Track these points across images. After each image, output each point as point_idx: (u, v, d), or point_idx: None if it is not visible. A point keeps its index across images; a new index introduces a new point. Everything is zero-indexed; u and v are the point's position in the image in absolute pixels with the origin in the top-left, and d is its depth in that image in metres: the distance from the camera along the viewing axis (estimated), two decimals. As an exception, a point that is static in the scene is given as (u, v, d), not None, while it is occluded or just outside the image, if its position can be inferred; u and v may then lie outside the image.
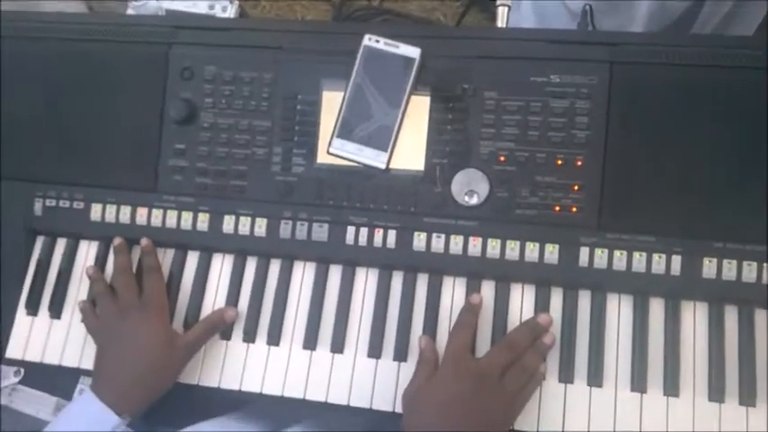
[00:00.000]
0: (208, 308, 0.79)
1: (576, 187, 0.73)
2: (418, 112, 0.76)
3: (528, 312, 0.74)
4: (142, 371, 0.72)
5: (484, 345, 0.74)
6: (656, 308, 0.73)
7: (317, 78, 0.78)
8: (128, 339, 0.74)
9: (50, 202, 0.83)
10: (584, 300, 0.74)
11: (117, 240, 0.80)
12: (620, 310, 0.73)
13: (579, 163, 0.73)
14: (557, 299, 0.74)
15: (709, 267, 0.71)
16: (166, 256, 0.81)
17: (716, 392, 0.70)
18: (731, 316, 0.72)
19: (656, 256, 0.72)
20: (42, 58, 0.84)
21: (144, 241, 0.79)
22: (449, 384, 0.68)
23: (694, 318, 0.72)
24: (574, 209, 0.73)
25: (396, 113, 0.76)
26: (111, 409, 0.69)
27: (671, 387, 0.70)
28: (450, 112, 0.76)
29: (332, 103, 0.77)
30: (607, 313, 0.73)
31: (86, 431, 0.69)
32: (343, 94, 0.76)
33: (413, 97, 0.76)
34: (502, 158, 0.75)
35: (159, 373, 0.74)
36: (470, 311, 0.73)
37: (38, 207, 0.83)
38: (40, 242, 0.84)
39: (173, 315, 0.79)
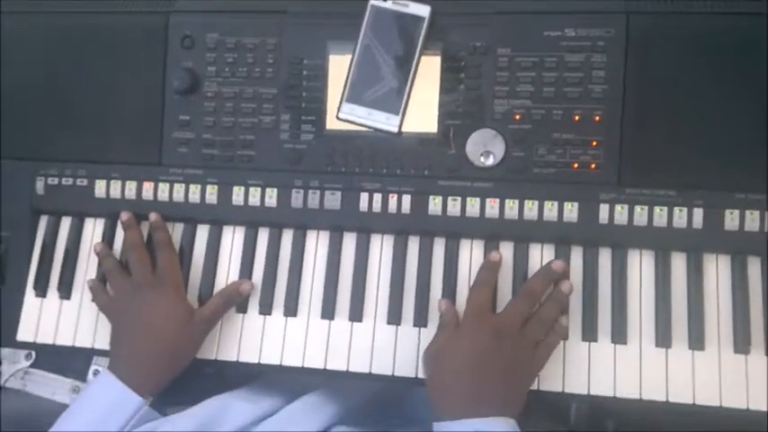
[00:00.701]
0: (221, 282, 0.78)
1: (594, 143, 0.72)
2: (429, 72, 0.74)
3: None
4: (162, 349, 0.71)
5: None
6: (678, 262, 0.72)
7: (323, 42, 0.76)
8: (145, 317, 0.72)
9: (53, 181, 0.80)
10: (605, 257, 0.73)
11: (125, 215, 0.78)
12: (641, 266, 0.72)
13: (597, 118, 0.72)
14: (577, 257, 0.73)
15: (731, 219, 0.70)
16: (176, 231, 0.80)
17: (742, 344, 0.69)
18: (754, 267, 0.71)
19: (677, 210, 0.71)
20: (38, 32, 0.81)
21: (153, 216, 0.77)
22: (470, 340, 0.67)
23: (717, 270, 0.72)
24: (592, 165, 0.72)
25: (406, 75, 0.74)
26: (132, 390, 0.68)
27: (696, 341, 0.70)
28: (462, 72, 0.74)
29: (339, 66, 0.75)
30: (629, 270, 0.72)
31: (109, 414, 0.67)
32: (350, 57, 0.74)
33: (423, 57, 0.74)
34: (517, 117, 0.73)
35: (179, 349, 0.72)
36: (489, 269, 0.72)
37: (40, 186, 0.81)
38: (43, 222, 0.82)
39: (186, 290, 0.77)
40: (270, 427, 0.68)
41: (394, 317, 0.74)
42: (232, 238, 0.79)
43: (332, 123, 0.76)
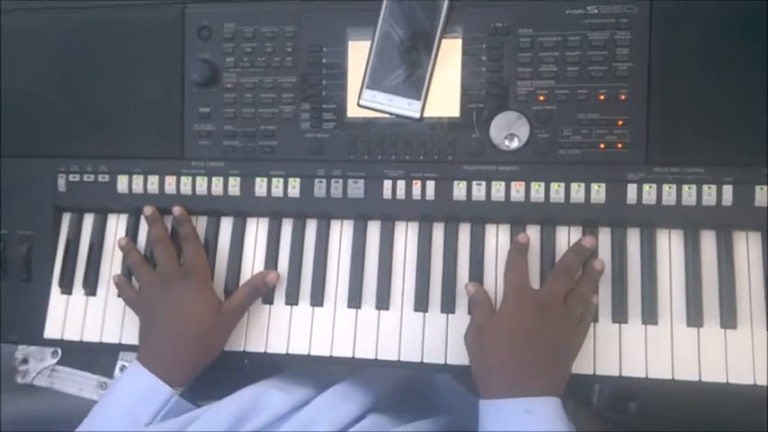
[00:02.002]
0: (246, 273, 0.78)
1: (620, 122, 0.71)
2: (450, 55, 0.73)
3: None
4: (191, 340, 0.71)
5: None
6: (708, 240, 0.71)
7: (341, 28, 0.75)
8: (173, 309, 0.72)
9: (74, 177, 0.80)
10: (634, 238, 0.72)
11: (149, 209, 0.77)
12: (670, 246, 0.72)
13: (623, 97, 0.71)
14: (605, 239, 0.73)
15: (761, 195, 0.69)
16: (199, 224, 0.79)
17: (775, 321, 0.68)
18: (786, 243, 0.70)
19: (705, 188, 0.70)
20: (55, 29, 0.80)
21: (177, 209, 0.77)
22: (514, 316, 0.66)
23: (747, 247, 0.71)
24: (619, 145, 0.71)
25: (427, 59, 0.73)
26: (162, 381, 0.68)
27: (728, 319, 0.69)
28: (483, 54, 0.73)
29: (359, 53, 0.74)
30: (658, 250, 0.72)
31: (140, 405, 0.67)
32: (370, 42, 0.74)
33: (443, 40, 0.73)
34: (541, 98, 0.72)
35: (208, 340, 0.72)
36: (519, 251, 0.71)
37: (61, 183, 0.80)
38: (66, 219, 0.82)
39: (212, 282, 0.77)
40: (304, 416, 0.68)
41: (421, 304, 0.74)
42: (256, 230, 0.78)
43: (353, 111, 0.75)
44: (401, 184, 0.74)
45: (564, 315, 0.67)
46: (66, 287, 0.81)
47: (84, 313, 0.80)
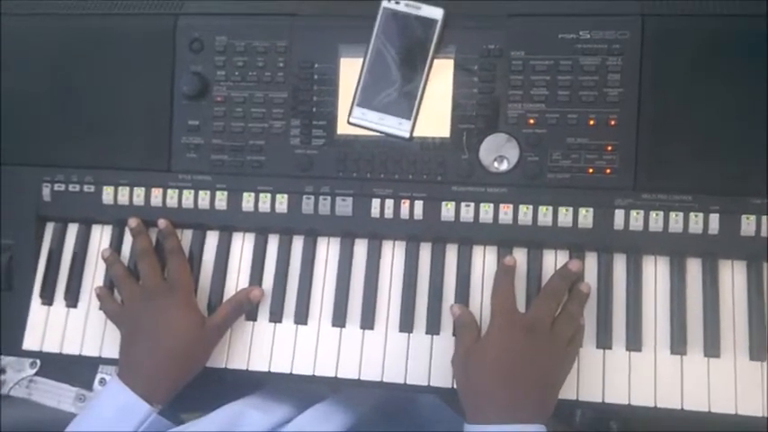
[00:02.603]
0: (231, 289, 0.77)
1: (609, 148, 0.71)
2: (442, 76, 0.73)
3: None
4: (173, 357, 0.70)
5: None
6: (694, 268, 0.71)
7: (334, 45, 0.75)
8: (156, 325, 0.71)
9: (59, 187, 0.79)
10: (620, 263, 0.72)
11: (133, 222, 0.76)
12: (656, 273, 0.72)
13: (612, 122, 0.71)
14: (591, 263, 0.73)
15: (747, 224, 0.69)
16: (185, 238, 0.78)
17: (757, 351, 0.68)
18: (771, 273, 0.70)
19: (692, 216, 0.70)
20: (44, 35, 0.79)
21: (162, 223, 0.76)
22: (501, 340, 0.66)
23: (733, 277, 0.71)
24: (608, 170, 0.71)
25: (418, 78, 0.73)
26: (141, 398, 0.67)
27: (711, 348, 0.69)
28: (475, 75, 0.73)
29: (351, 70, 0.74)
30: (644, 276, 0.72)
31: (117, 422, 0.66)
32: (362, 60, 0.74)
33: (436, 60, 0.73)
34: (531, 121, 0.72)
35: (190, 357, 0.71)
36: (506, 273, 0.71)
37: (46, 192, 0.79)
38: (50, 229, 0.81)
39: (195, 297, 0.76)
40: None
41: (406, 324, 0.73)
42: (242, 245, 0.78)
43: (343, 128, 0.75)
44: (389, 202, 0.74)
45: (552, 339, 0.67)
46: (47, 298, 0.79)
47: (65, 325, 0.79)
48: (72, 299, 0.79)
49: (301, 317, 0.75)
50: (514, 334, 0.66)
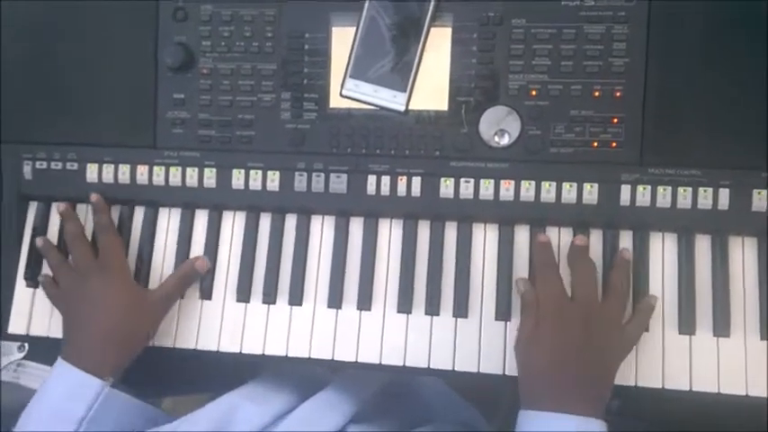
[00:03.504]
0: (222, 269, 0.74)
1: (615, 120, 0.68)
2: (439, 45, 0.70)
3: (566, 257, 0.70)
4: (112, 331, 0.69)
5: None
6: (703, 245, 0.69)
7: (325, 13, 0.71)
8: (92, 302, 0.70)
9: (41, 165, 0.76)
10: (626, 240, 0.69)
11: (62, 206, 0.75)
12: (664, 250, 0.69)
13: (618, 94, 0.67)
14: (596, 241, 0.70)
15: (759, 199, 0.67)
16: (173, 217, 0.76)
17: (769, 330, 0.66)
18: (783, 249, 0.68)
19: (701, 191, 0.67)
20: (20, 6, 0.75)
21: (94, 197, 0.74)
22: (557, 331, 0.63)
23: (743, 253, 0.68)
24: (613, 144, 0.68)
25: (414, 49, 0.70)
26: (90, 374, 0.66)
27: (721, 328, 0.67)
28: (474, 45, 0.69)
29: (343, 40, 0.71)
30: (651, 254, 0.69)
31: (69, 401, 0.65)
32: (355, 29, 0.70)
33: (432, 29, 0.70)
34: (533, 93, 0.69)
35: (131, 330, 0.70)
36: (544, 251, 0.67)
37: (27, 170, 0.76)
38: (33, 208, 0.78)
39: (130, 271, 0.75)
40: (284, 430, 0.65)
41: (404, 305, 0.71)
42: (232, 224, 0.75)
43: (336, 101, 0.71)
44: (386, 179, 0.71)
45: (608, 323, 0.64)
46: (33, 280, 0.77)
47: (52, 308, 0.76)
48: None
49: (296, 298, 0.72)
50: (570, 326, 0.63)
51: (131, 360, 0.71)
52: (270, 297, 0.73)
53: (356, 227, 0.73)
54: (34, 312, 0.77)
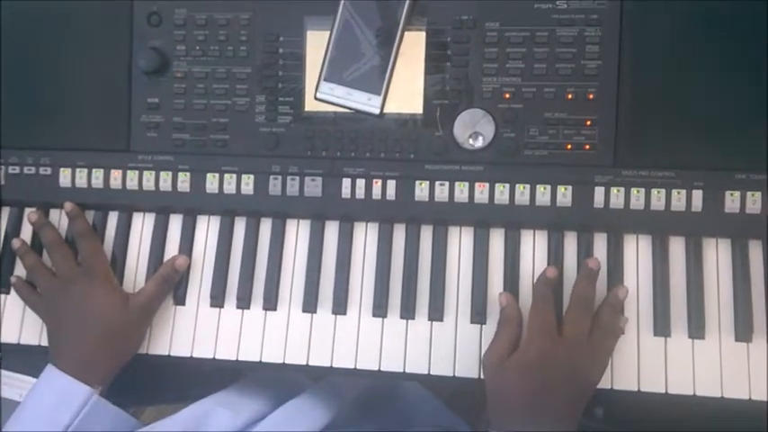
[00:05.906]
0: (197, 274, 0.74)
1: (588, 122, 0.68)
2: (413, 49, 0.70)
3: (541, 260, 0.70)
4: (100, 340, 0.68)
5: (496, 294, 0.69)
6: (677, 247, 0.69)
7: (299, 16, 0.71)
8: (78, 309, 0.69)
9: (13, 169, 0.75)
10: (600, 242, 0.69)
11: (33, 216, 0.74)
12: (638, 252, 0.69)
13: (591, 96, 0.68)
14: (571, 243, 0.70)
15: (731, 201, 0.67)
16: (147, 221, 0.75)
17: (743, 332, 0.66)
18: (756, 251, 0.68)
19: (675, 192, 0.67)
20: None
21: (68, 206, 0.73)
22: (539, 361, 0.62)
23: (717, 255, 0.68)
24: (587, 146, 0.68)
25: (388, 52, 0.70)
26: (78, 381, 0.65)
27: (696, 329, 0.67)
28: (448, 48, 0.70)
29: (317, 43, 0.71)
30: (625, 255, 0.69)
31: (58, 407, 0.64)
32: (329, 32, 0.70)
33: (407, 33, 0.70)
34: (507, 95, 0.69)
35: (118, 336, 0.69)
36: (546, 285, 0.66)
37: (0, 175, 0.75)
38: (5, 214, 0.77)
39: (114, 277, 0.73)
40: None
41: (380, 309, 0.70)
42: (207, 229, 0.74)
43: (311, 105, 0.71)
44: (361, 182, 0.71)
45: (592, 357, 0.64)
46: (4, 286, 0.76)
47: (23, 314, 0.75)
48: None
49: (270, 303, 0.72)
50: (553, 356, 0.62)
51: (121, 367, 0.70)
52: (244, 302, 0.72)
53: (331, 231, 0.73)
54: (5, 319, 0.76)
